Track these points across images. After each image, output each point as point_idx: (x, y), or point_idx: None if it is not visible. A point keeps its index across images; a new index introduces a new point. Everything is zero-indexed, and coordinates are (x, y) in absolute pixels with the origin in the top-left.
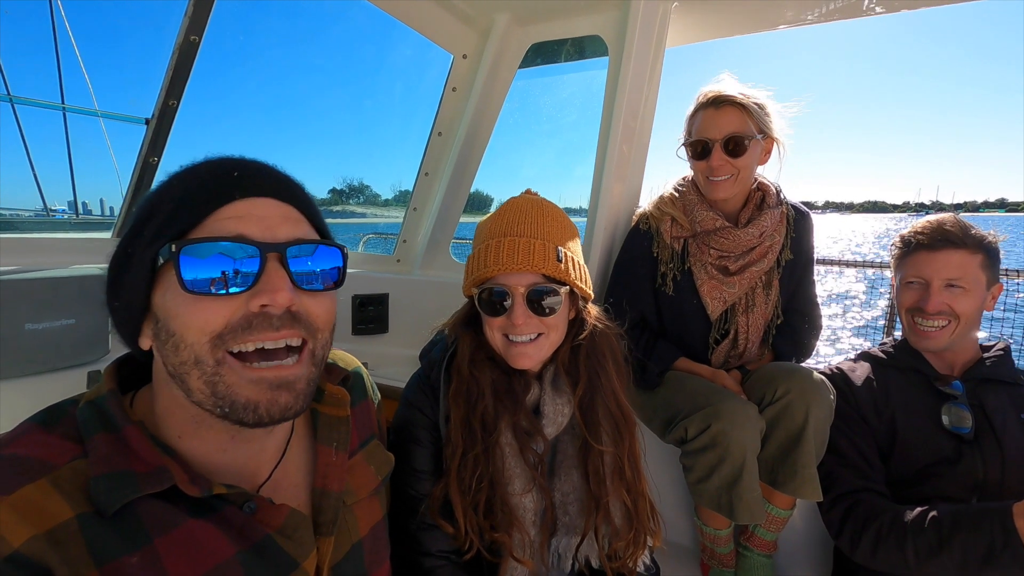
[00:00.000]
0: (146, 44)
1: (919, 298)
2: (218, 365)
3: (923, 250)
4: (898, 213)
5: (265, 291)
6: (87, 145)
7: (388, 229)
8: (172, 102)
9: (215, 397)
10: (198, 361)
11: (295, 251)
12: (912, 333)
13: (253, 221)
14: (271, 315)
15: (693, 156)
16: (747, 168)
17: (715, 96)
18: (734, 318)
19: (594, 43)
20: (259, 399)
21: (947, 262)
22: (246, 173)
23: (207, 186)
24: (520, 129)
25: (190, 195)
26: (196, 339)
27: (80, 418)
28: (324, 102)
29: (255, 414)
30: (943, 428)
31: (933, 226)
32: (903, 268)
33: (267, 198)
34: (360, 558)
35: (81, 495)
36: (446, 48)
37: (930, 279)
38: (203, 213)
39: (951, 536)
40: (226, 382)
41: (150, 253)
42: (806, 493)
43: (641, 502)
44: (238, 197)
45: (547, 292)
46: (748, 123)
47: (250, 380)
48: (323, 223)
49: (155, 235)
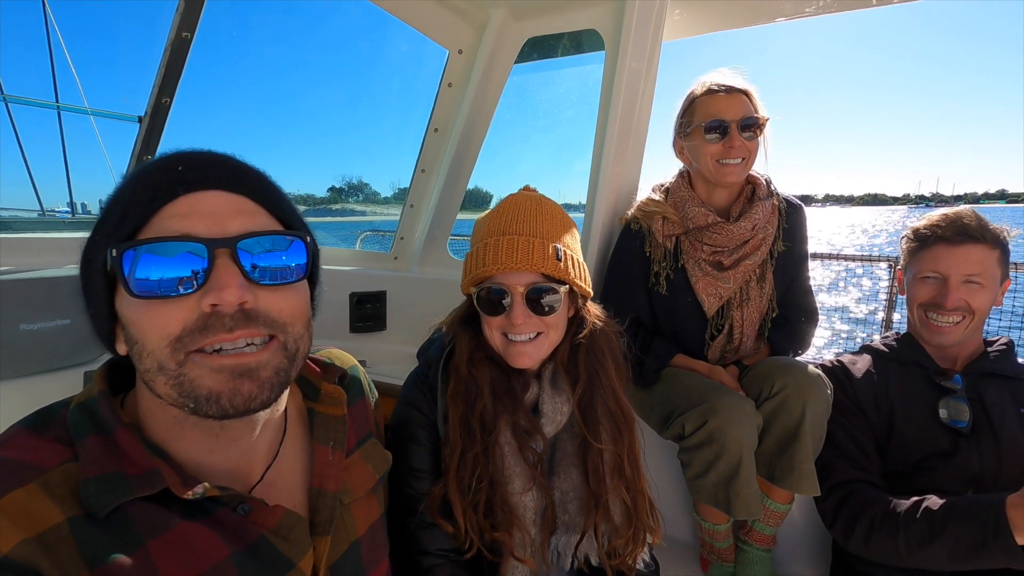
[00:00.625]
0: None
1: (936, 293)
2: (180, 367)
3: (942, 243)
4: (898, 205)
5: (213, 289)
6: (83, 144)
7: (386, 226)
8: (165, 99)
9: (182, 396)
10: (161, 367)
11: (248, 245)
12: (924, 328)
13: (200, 217)
14: (223, 314)
15: (708, 140)
16: (755, 153)
17: (723, 83)
18: (729, 313)
19: (590, 37)
20: (220, 389)
21: (966, 257)
22: (191, 166)
23: (151, 184)
24: (517, 125)
25: (136, 195)
26: (156, 345)
27: (71, 420)
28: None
29: (217, 405)
30: (940, 421)
31: (951, 219)
32: (918, 262)
33: (216, 191)
34: (358, 557)
35: (72, 498)
36: (441, 43)
37: (948, 274)
38: (148, 212)
39: (943, 526)
40: (189, 378)
41: (102, 257)
42: (804, 488)
43: (640, 500)
44: (182, 192)
45: (546, 291)
46: (754, 110)
47: (212, 369)
48: (290, 213)
49: (106, 239)
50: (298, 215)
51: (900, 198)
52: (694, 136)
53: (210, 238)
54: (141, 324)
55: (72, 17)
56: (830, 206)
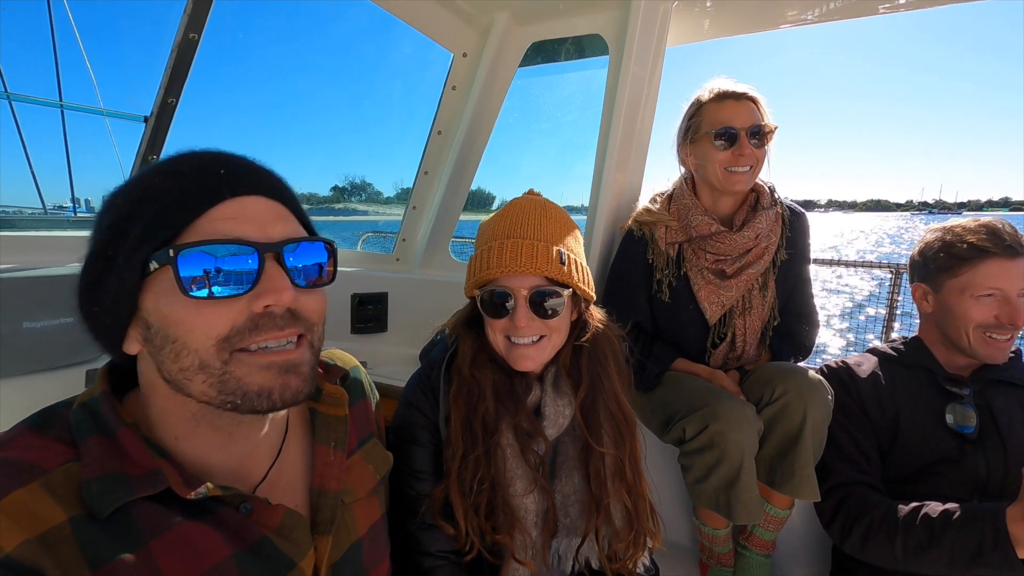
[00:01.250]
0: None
1: (999, 311)
2: (225, 365)
3: (996, 258)
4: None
5: (268, 292)
6: (89, 142)
7: (388, 227)
8: (171, 100)
9: (223, 394)
10: (204, 365)
11: (290, 249)
12: (984, 346)
13: (247, 221)
14: (275, 315)
15: (717, 147)
16: (762, 161)
17: (732, 90)
18: (731, 321)
19: (594, 42)
20: (272, 385)
21: (1022, 270)
22: (233, 170)
23: (195, 185)
24: (520, 127)
25: (178, 195)
26: (201, 344)
27: (73, 420)
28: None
29: (269, 400)
30: (947, 427)
31: (998, 230)
32: (970, 279)
33: (256, 196)
34: (359, 557)
35: (74, 498)
36: (446, 46)
37: (1009, 290)
38: (194, 214)
39: (941, 534)
40: (236, 376)
41: (139, 256)
42: (804, 493)
43: (641, 503)
44: (228, 196)
45: (550, 294)
46: (762, 116)
47: (260, 367)
48: (307, 218)
49: (143, 237)
50: (310, 219)
51: (903, 204)
52: (702, 143)
53: (260, 242)
54: (187, 323)
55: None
56: (833, 211)
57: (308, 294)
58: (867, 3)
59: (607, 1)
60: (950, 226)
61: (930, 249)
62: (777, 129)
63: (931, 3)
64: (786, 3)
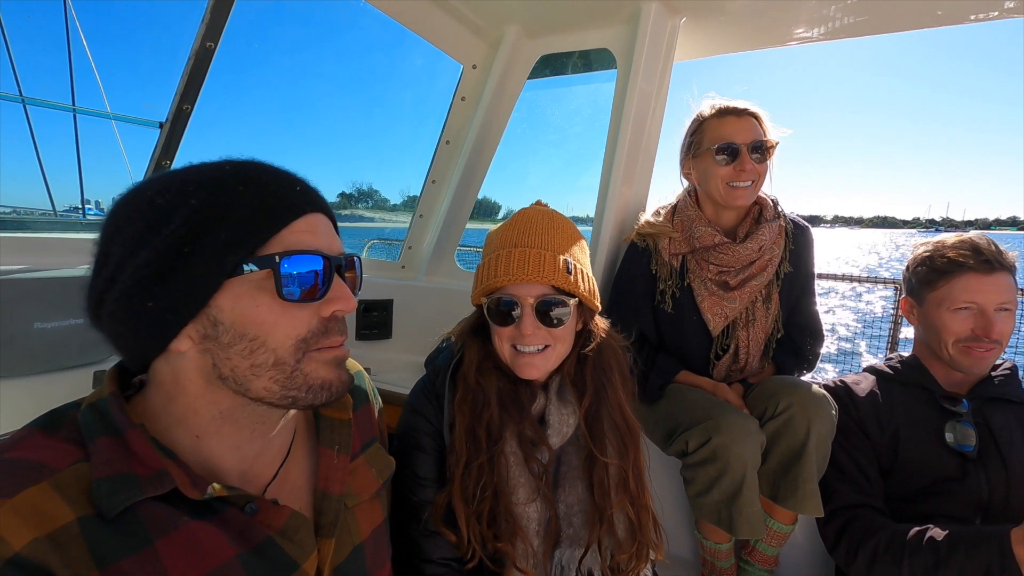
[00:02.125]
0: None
1: (975, 324)
2: (298, 363)
3: (972, 273)
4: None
5: (338, 299)
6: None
7: (395, 235)
8: (186, 106)
9: (287, 388)
10: (279, 362)
11: (352, 263)
12: (966, 357)
13: (320, 236)
14: (339, 320)
15: (719, 162)
16: (764, 175)
17: (733, 106)
18: (735, 333)
19: (602, 56)
20: (332, 377)
21: (998, 285)
22: (306, 188)
23: (280, 197)
24: (527, 138)
25: (266, 204)
26: (280, 343)
27: (82, 421)
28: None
29: (329, 391)
30: (947, 445)
31: (975, 246)
32: (945, 292)
33: (320, 213)
34: (362, 560)
35: (83, 498)
36: (456, 58)
37: (984, 304)
38: (280, 224)
39: (948, 558)
40: (304, 371)
41: (233, 258)
42: (807, 508)
43: (644, 515)
44: (307, 212)
45: (556, 303)
46: (763, 132)
47: (324, 362)
48: None
49: (232, 240)
50: None
51: (910, 221)
52: (704, 158)
53: (331, 255)
54: (271, 323)
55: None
56: (839, 227)
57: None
58: (872, 23)
59: (616, 16)
60: (935, 241)
61: (915, 263)
62: (778, 144)
63: (936, 23)
64: (793, 21)
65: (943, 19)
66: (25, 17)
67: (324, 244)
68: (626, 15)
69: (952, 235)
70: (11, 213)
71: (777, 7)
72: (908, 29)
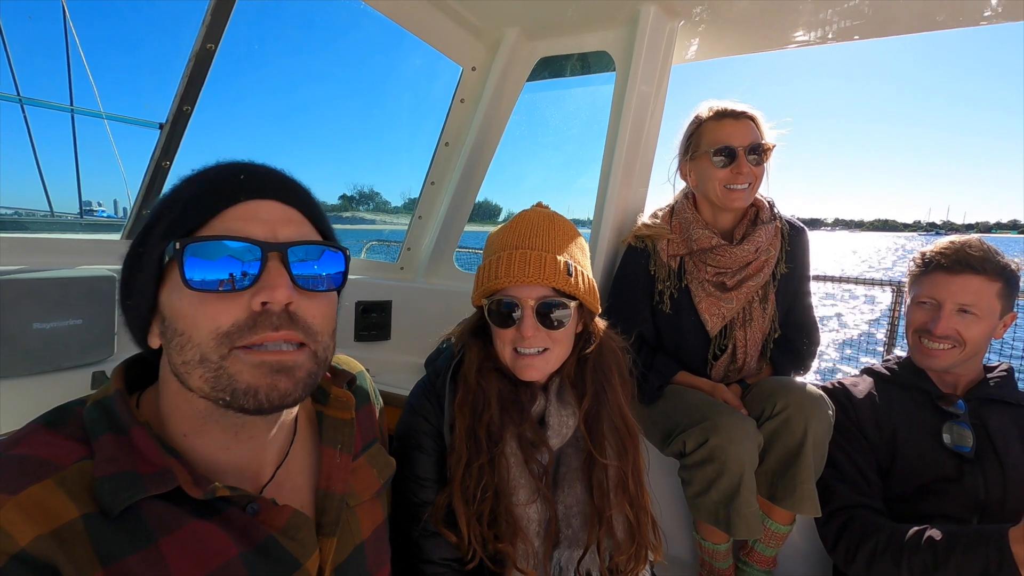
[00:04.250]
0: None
1: (929, 319)
2: (222, 360)
3: (941, 271)
4: (908, 232)
5: (265, 288)
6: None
7: (393, 236)
8: (186, 108)
9: (216, 390)
10: (203, 359)
11: (296, 251)
12: (917, 351)
13: (256, 222)
14: (272, 313)
15: (716, 164)
16: (761, 178)
17: (730, 108)
18: (732, 333)
19: (601, 58)
20: (259, 384)
21: (963, 287)
22: (251, 176)
23: (214, 188)
24: (526, 141)
25: (197, 196)
26: (204, 338)
27: (87, 419)
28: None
29: (255, 399)
30: (944, 446)
31: (956, 248)
32: (918, 286)
33: (271, 200)
34: (363, 560)
35: (87, 495)
36: (455, 60)
37: (943, 301)
38: (209, 214)
39: (947, 557)
40: (229, 372)
41: (158, 252)
42: (805, 508)
43: (643, 516)
44: (243, 199)
45: (557, 305)
46: (761, 135)
47: (252, 364)
48: (328, 227)
49: (164, 235)
50: (332, 228)
51: (911, 224)
52: (701, 160)
53: (264, 241)
54: (193, 316)
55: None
56: (840, 230)
57: (311, 299)
58: (870, 26)
59: (614, 19)
60: (936, 241)
61: (912, 262)
62: (775, 147)
63: (935, 27)
64: (791, 25)
65: (942, 23)
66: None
67: (259, 231)
68: (625, 18)
69: (952, 237)
70: (12, 214)
71: (775, 10)
72: (907, 32)
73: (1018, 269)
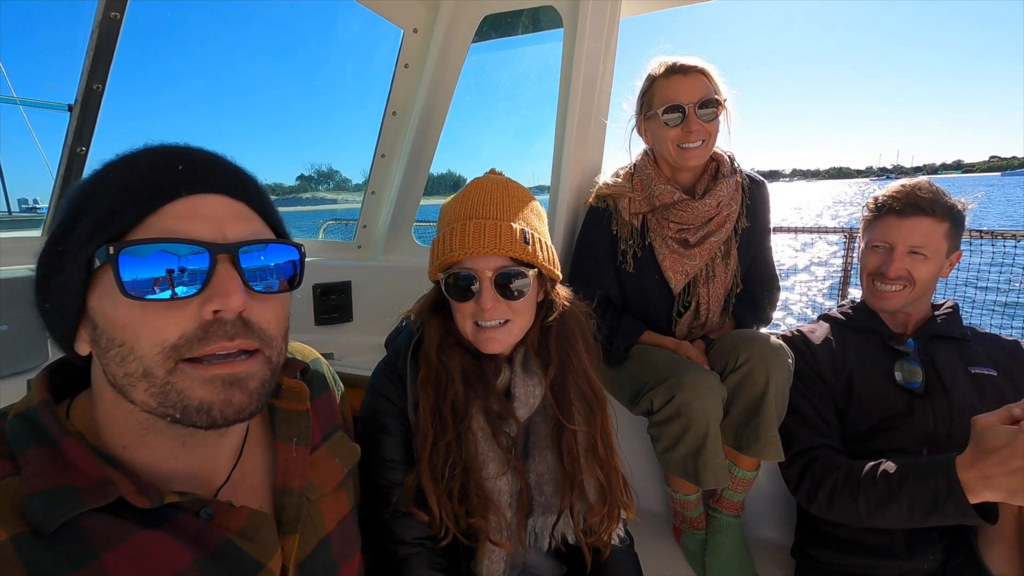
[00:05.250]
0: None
1: (882, 262)
2: (169, 375)
3: (892, 215)
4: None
5: (217, 295)
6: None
7: (348, 215)
8: (96, 86)
9: (163, 406)
10: (147, 373)
11: (248, 252)
12: (871, 294)
13: (201, 220)
14: (225, 321)
15: (667, 123)
16: (715, 133)
17: (679, 64)
18: (695, 290)
19: (549, 14)
20: (213, 399)
21: (913, 229)
22: (193, 167)
23: (150, 180)
24: (478, 107)
25: (130, 190)
26: (148, 351)
27: (10, 432)
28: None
29: (208, 416)
30: (896, 384)
31: (906, 191)
32: (871, 231)
33: (216, 194)
34: (328, 553)
35: (14, 515)
36: (395, 22)
37: (895, 244)
38: (145, 211)
39: (900, 488)
40: (178, 388)
41: (85, 253)
42: (769, 455)
43: (614, 477)
44: (184, 193)
45: (515, 275)
46: (712, 88)
47: (203, 380)
48: (279, 221)
49: (91, 233)
50: (282, 221)
51: (864, 171)
52: (654, 120)
53: (213, 243)
54: (133, 327)
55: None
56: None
57: (264, 302)
58: None
59: None
60: (887, 186)
61: (865, 206)
62: (727, 101)
63: None
64: None
65: None
66: None
67: (206, 230)
68: None
69: (904, 180)
70: None
71: None
72: None
73: (964, 209)
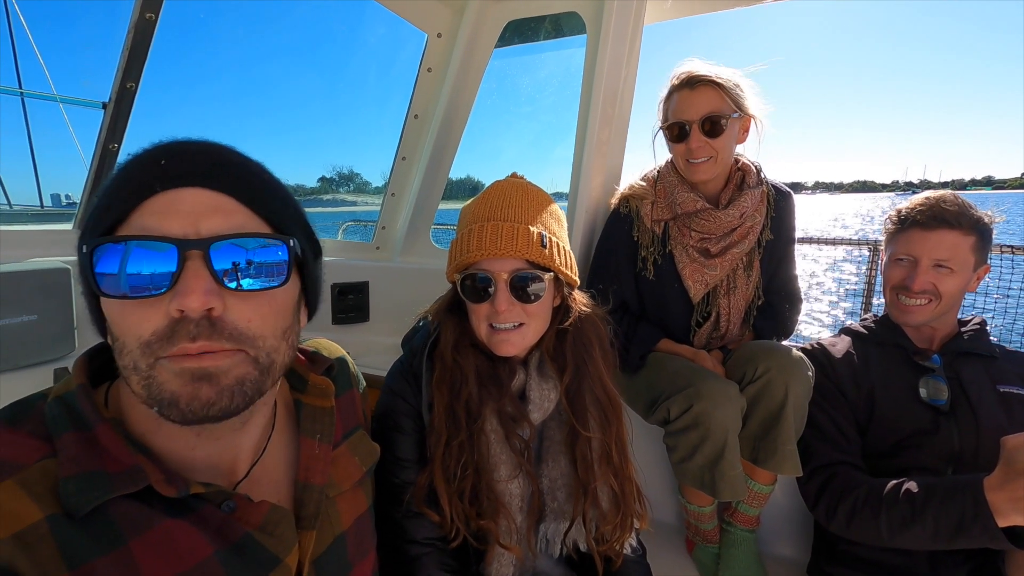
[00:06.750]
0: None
1: (906, 275)
2: (150, 369)
3: (917, 228)
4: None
5: (179, 294)
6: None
7: (368, 216)
8: (130, 84)
9: (150, 398)
10: (135, 367)
11: (222, 247)
12: (895, 308)
13: (175, 216)
14: (189, 321)
15: (671, 139)
16: (725, 148)
17: (688, 77)
18: (716, 300)
19: (571, 20)
20: (180, 393)
21: (939, 242)
22: (174, 161)
23: (130, 177)
24: (500, 112)
25: (116, 189)
26: (131, 346)
27: (49, 415)
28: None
29: (177, 410)
30: (921, 400)
31: (931, 203)
32: (895, 244)
33: (195, 188)
34: (343, 550)
35: (51, 496)
36: (419, 27)
37: (919, 257)
38: (128, 208)
39: (924, 508)
40: (158, 381)
41: (83, 249)
42: (786, 469)
43: (628, 486)
44: (159, 189)
45: (531, 278)
46: (724, 102)
47: (174, 373)
48: (277, 212)
49: (88, 231)
50: (290, 213)
51: (888, 185)
52: (664, 133)
53: (182, 239)
54: (119, 323)
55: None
56: (820, 193)
57: (246, 300)
58: None
59: None
60: (911, 198)
61: (887, 220)
62: (755, 114)
63: None
64: None
65: None
66: None
67: (178, 226)
68: None
69: (926, 193)
70: None
71: None
72: None
73: (991, 222)
